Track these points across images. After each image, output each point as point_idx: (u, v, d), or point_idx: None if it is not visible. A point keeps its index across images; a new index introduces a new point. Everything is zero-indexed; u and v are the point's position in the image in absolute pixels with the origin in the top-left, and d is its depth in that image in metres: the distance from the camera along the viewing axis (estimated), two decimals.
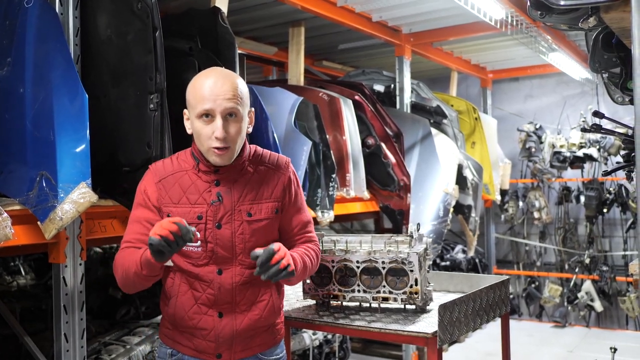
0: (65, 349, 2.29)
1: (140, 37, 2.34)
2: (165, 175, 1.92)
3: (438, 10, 4.63)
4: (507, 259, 7.36)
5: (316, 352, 4.23)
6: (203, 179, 1.89)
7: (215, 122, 1.79)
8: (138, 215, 1.92)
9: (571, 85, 6.95)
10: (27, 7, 2.22)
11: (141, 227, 1.89)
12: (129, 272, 1.81)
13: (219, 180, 1.89)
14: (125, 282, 1.86)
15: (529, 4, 1.83)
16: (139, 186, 1.96)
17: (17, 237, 2.08)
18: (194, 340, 1.92)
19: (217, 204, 1.87)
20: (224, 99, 1.79)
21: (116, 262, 1.88)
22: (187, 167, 1.92)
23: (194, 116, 1.83)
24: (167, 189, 1.90)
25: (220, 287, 1.88)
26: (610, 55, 2.08)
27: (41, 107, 2.14)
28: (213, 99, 1.78)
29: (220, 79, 1.82)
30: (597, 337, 6.19)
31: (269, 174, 1.96)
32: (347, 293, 2.35)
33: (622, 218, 6.50)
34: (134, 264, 1.79)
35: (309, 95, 3.94)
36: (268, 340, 2.00)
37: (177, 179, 1.90)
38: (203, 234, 1.86)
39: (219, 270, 1.88)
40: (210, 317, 1.89)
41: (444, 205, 4.60)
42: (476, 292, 2.21)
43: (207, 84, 1.81)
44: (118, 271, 1.87)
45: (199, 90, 1.81)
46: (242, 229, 1.88)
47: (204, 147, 1.84)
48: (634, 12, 1.37)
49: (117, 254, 1.90)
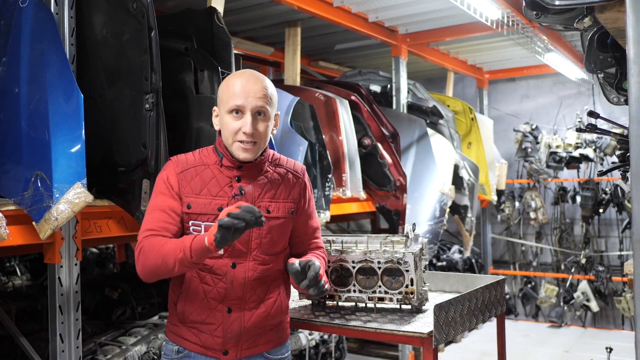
0: (60, 350, 2.29)
1: (136, 37, 2.34)
2: (188, 167, 1.94)
3: (434, 11, 4.64)
4: (504, 259, 7.37)
5: (312, 352, 4.23)
6: (225, 173, 1.93)
7: (244, 118, 1.86)
8: (160, 203, 1.90)
9: (567, 86, 6.97)
10: (22, 7, 2.22)
11: (165, 215, 1.88)
12: (167, 259, 1.76)
13: (240, 176, 1.93)
14: (156, 271, 1.81)
15: (525, 5, 1.84)
16: (159, 176, 1.96)
17: (12, 238, 2.08)
18: (200, 336, 1.93)
19: (239, 198, 1.90)
20: (254, 97, 1.87)
21: (145, 250, 1.82)
22: (209, 162, 1.95)
23: (224, 111, 1.89)
24: (189, 180, 1.91)
25: (232, 280, 1.90)
26: (606, 56, 2.09)
27: (36, 107, 2.13)
28: (245, 96, 1.86)
29: (253, 78, 1.90)
30: (593, 337, 6.21)
31: (287, 176, 2.03)
32: (343, 293, 2.35)
33: (618, 218, 6.52)
34: (179, 251, 1.74)
35: (306, 96, 3.94)
36: (274, 338, 2.03)
37: (199, 172, 1.93)
38: None
39: (233, 263, 1.91)
40: (219, 312, 1.91)
41: (440, 205, 4.61)
42: (472, 292, 2.21)
43: (239, 82, 1.88)
44: (149, 259, 1.80)
45: (232, 87, 1.88)
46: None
47: (229, 142, 1.89)
48: (629, 12, 1.37)
49: (141, 242, 1.84)
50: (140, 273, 1.85)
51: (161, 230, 1.87)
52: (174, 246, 1.77)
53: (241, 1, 4.19)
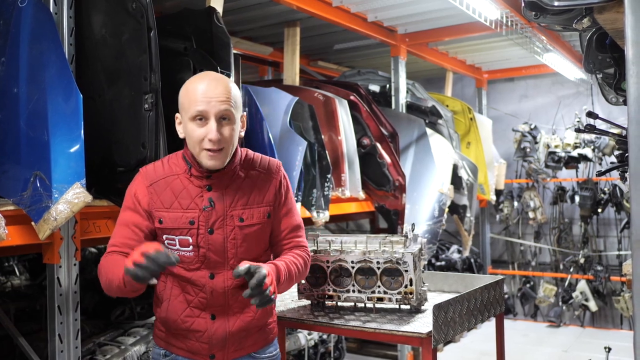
0: (59, 350, 2.29)
1: (135, 37, 2.34)
2: (157, 179, 1.90)
3: (433, 11, 4.64)
4: (502, 259, 7.38)
5: (311, 352, 4.23)
6: (195, 183, 1.88)
7: (209, 124, 1.79)
8: (126, 218, 1.90)
9: (566, 86, 6.97)
10: (22, 7, 2.22)
11: (129, 231, 1.87)
12: (112, 282, 1.79)
13: (211, 185, 1.88)
14: (108, 290, 1.83)
15: (523, 5, 1.83)
16: (129, 189, 1.93)
17: (11, 238, 2.08)
18: (187, 342, 1.92)
19: (209, 210, 1.86)
20: (217, 101, 1.79)
21: (100, 268, 1.85)
22: (178, 171, 1.90)
23: (187, 119, 1.82)
24: (159, 194, 1.88)
25: (212, 291, 1.88)
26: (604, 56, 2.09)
27: (35, 107, 2.13)
28: (207, 101, 1.78)
29: (214, 82, 1.82)
30: (591, 336, 6.21)
31: (260, 178, 1.96)
32: (342, 293, 2.35)
33: (617, 218, 6.52)
34: (117, 278, 1.75)
35: (305, 96, 3.94)
36: (261, 339, 2.01)
37: (168, 183, 1.88)
38: (195, 239, 1.85)
39: (211, 274, 1.88)
40: (203, 319, 1.89)
41: (439, 205, 4.61)
42: (471, 292, 2.22)
43: (200, 87, 1.81)
44: (102, 277, 1.84)
45: (192, 93, 1.81)
46: (234, 234, 1.88)
47: (196, 150, 1.83)
48: (627, 14, 1.37)
49: (102, 257, 1.87)
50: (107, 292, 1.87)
51: (122, 246, 1.86)
52: (116, 270, 1.76)
53: (240, 1, 4.18)
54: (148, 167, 1.95)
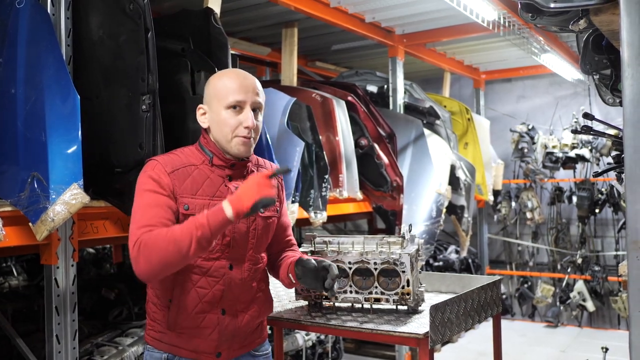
0: (57, 351, 2.29)
1: (133, 38, 2.34)
2: (177, 167, 1.86)
3: (431, 12, 4.64)
4: (500, 259, 7.38)
5: (309, 352, 4.23)
6: (217, 173, 1.91)
7: (244, 112, 1.87)
8: (154, 200, 1.79)
9: (563, 86, 6.98)
10: (19, 8, 2.22)
11: (162, 211, 1.77)
12: (180, 243, 1.67)
13: (232, 176, 1.93)
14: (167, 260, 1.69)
15: (520, 6, 1.84)
16: (146, 175, 1.84)
17: (8, 239, 2.08)
18: (193, 341, 1.89)
19: None
20: (253, 92, 1.89)
21: (149, 243, 1.69)
22: (196, 162, 1.90)
23: (222, 107, 1.87)
24: (182, 180, 1.85)
25: (230, 282, 1.90)
26: (601, 57, 2.09)
27: (33, 108, 2.13)
28: (245, 91, 1.88)
29: (248, 75, 1.94)
30: (589, 336, 6.22)
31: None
32: (339, 294, 2.35)
33: (614, 218, 6.54)
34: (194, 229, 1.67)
35: (302, 96, 3.95)
36: (259, 336, 2.06)
37: (189, 172, 1.87)
38: None
39: (230, 265, 1.91)
40: (214, 315, 1.89)
41: (437, 205, 4.62)
42: (467, 293, 2.22)
43: (237, 78, 1.90)
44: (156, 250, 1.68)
45: (230, 83, 1.89)
46: (255, 224, 1.95)
47: (228, 137, 1.88)
48: (623, 16, 1.38)
49: (140, 237, 1.72)
50: (144, 271, 1.71)
51: (160, 225, 1.75)
52: (185, 229, 1.68)
53: (238, 2, 4.18)
54: (162, 157, 1.89)
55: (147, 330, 2.00)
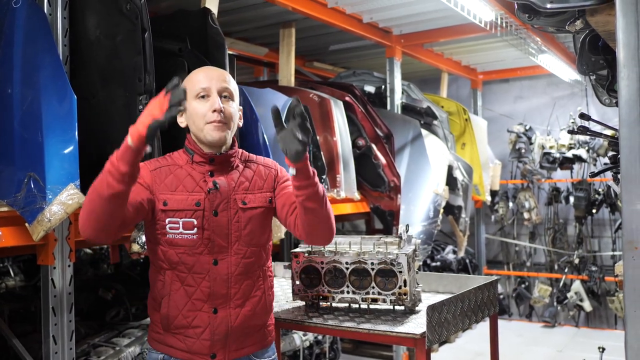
0: (54, 351, 2.28)
1: (130, 38, 2.34)
2: (160, 165, 1.94)
3: (428, 12, 4.65)
4: (497, 260, 7.39)
5: (307, 352, 4.23)
6: (198, 169, 1.94)
7: (212, 98, 1.90)
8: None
9: (561, 87, 6.99)
10: (15, 8, 2.22)
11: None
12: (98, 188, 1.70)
13: (213, 171, 1.94)
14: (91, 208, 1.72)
15: (517, 7, 1.85)
16: None
17: (4, 239, 2.08)
18: (187, 342, 1.90)
19: (214, 192, 1.90)
20: (218, 79, 1.93)
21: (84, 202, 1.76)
22: (180, 162, 1.96)
23: (192, 100, 1.90)
24: (163, 178, 1.92)
25: (216, 277, 1.88)
26: (597, 58, 2.10)
27: (29, 108, 2.13)
28: (208, 79, 1.92)
29: (213, 68, 2.02)
30: (586, 336, 6.23)
31: (259, 169, 2.04)
32: (337, 294, 2.35)
33: (611, 218, 6.55)
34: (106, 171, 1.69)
35: (300, 97, 3.92)
36: (260, 340, 2.01)
37: (171, 171, 1.94)
38: (200, 221, 1.89)
39: (214, 260, 1.89)
40: (205, 313, 1.88)
41: (434, 206, 4.62)
42: (464, 293, 2.22)
43: (202, 70, 1.98)
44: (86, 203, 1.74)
45: (194, 76, 1.95)
46: (237, 217, 1.93)
47: (200, 126, 1.90)
48: (619, 16, 1.39)
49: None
50: (81, 227, 1.76)
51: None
52: (102, 175, 1.71)
53: (235, 2, 4.19)
54: (149, 160, 1.98)
55: (148, 332, 2.02)
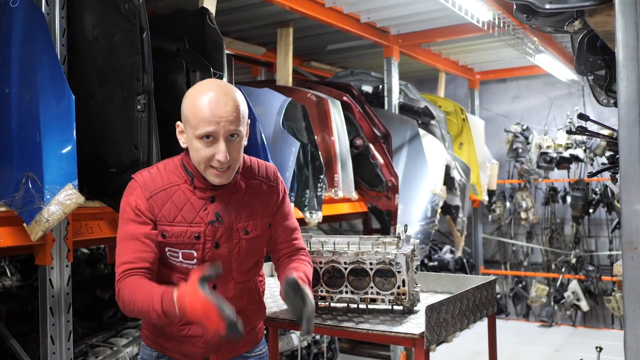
0: (51, 352, 2.28)
1: (128, 37, 2.33)
2: (156, 190, 1.80)
3: (426, 12, 4.65)
4: (495, 259, 7.40)
5: (304, 352, 4.23)
6: (198, 195, 1.81)
7: (218, 145, 1.71)
8: (132, 231, 1.77)
9: (558, 87, 7.01)
10: (13, 7, 2.21)
11: (140, 244, 1.76)
12: (142, 309, 1.67)
13: (214, 197, 1.82)
14: (134, 314, 1.74)
15: (515, 7, 1.85)
16: (125, 200, 1.81)
17: (2, 239, 2.07)
18: (182, 347, 1.91)
19: (216, 224, 1.81)
20: (227, 121, 1.70)
21: (123, 292, 1.72)
22: (178, 180, 1.82)
23: (193, 135, 1.73)
24: (160, 206, 1.79)
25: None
26: (595, 58, 2.10)
27: (27, 108, 2.13)
28: (216, 122, 1.69)
29: (222, 97, 1.71)
30: (583, 336, 6.25)
31: (261, 188, 1.93)
32: (335, 294, 2.35)
33: (608, 218, 6.56)
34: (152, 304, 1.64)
35: (297, 96, 3.94)
36: (251, 340, 2.03)
37: (169, 195, 1.80)
38: (201, 253, 1.81)
39: (213, 285, 1.83)
40: (199, 326, 1.84)
41: (432, 205, 4.62)
42: (463, 293, 2.22)
43: (209, 104, 1.70)
44: (126, 301, 1.71)
45: (200, 111, 1.70)
46: (239, 247, 1.86)
47: (201, 167, 1.76)
48: (618, 17, 1.39)
49: (119, 282, 1.74)
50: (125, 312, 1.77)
51: (138, 261, 1.74)
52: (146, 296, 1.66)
53: (233, 1, 4.18)
54: (144, 176, 1.83)
55: (142, 328, 2.02)
